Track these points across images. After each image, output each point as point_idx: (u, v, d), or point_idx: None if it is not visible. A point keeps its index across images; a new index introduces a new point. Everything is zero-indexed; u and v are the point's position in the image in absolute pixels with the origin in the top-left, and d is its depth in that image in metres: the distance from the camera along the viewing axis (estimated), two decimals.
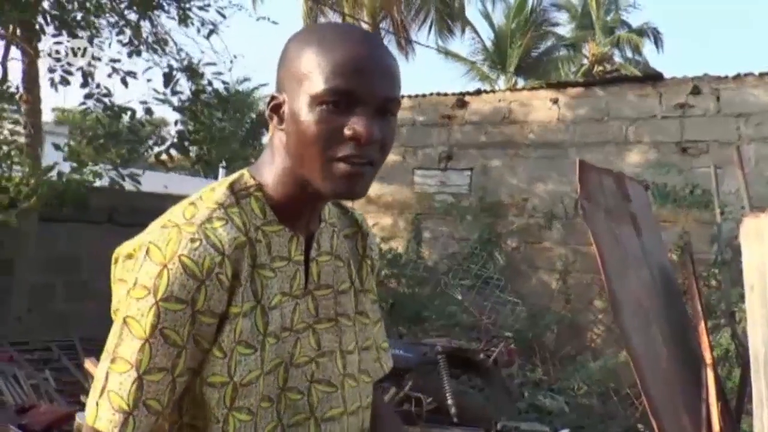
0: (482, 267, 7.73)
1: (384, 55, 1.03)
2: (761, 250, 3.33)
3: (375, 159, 1.01)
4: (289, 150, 1.03)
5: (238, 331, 1.00)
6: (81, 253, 6.64)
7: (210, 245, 0.97)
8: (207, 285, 0.96)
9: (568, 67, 20.34)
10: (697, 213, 6.75)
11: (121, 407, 0.95)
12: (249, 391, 1.01)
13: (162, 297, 0.94)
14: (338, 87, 0.97)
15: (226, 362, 0.99)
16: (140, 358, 0.95)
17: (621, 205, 3.97)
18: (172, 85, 5.66)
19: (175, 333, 0.95)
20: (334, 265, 1.17)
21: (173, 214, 1.02)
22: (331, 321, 1.15)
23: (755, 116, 6.91)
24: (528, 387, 6.27)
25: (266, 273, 1.04)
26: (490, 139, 8.50)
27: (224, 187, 1.06)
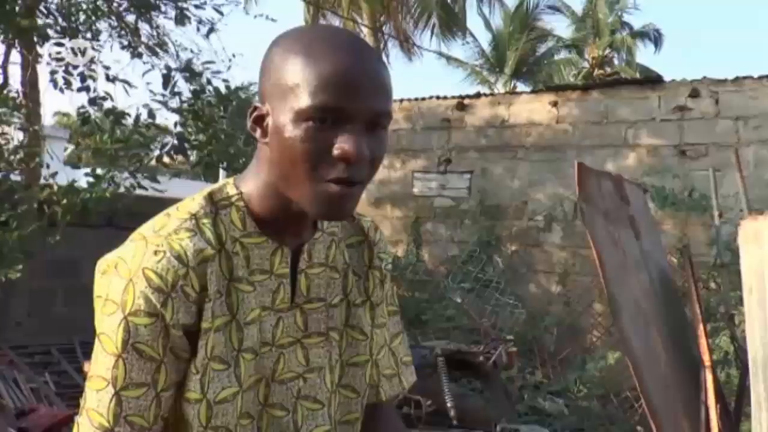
0: (482, 270, 7.74)
1: (373, 66, 0.95)
2: (760, 253, 3.34)
3: (364, 177, 0.95)
4: (273, 165, 0.97)
5: (210, 347, 0.97)
6: (81, 257, 6.64)
7: (174, 257, 0.93)
8: (173, 297, 0.93)
9: (569, 70, 20.34)
10: (695, 216, 6.76)
11: (102, 424, 0.93)
12: (225, 409, 0.99)
13: (130, 311, 0.92)
14: (326, 104, 0.90)
15: (199, 379, 0.97)
16: (115, 374, 0.93)
17: (620, 208, 3.98)
18: (171, 87, 5.66)
19: (149, 347, 0.93)
20: (328, 277, 1.12)
21: (146, 225, 1.00)
22: (321, 335, 1.11)
23: (754, 119, 6.92)
24: (528, 389, 6.27)
25: (243, 287, 1.01)
26: (490, 142, 8.52)
27: (202, 197, 1.02)
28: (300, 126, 0.92)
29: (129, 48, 6.05)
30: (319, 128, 0.91)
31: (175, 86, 5.67)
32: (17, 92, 6.06)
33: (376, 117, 0.94)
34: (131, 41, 6.03)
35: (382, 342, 1.23)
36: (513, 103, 8.48)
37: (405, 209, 8.93)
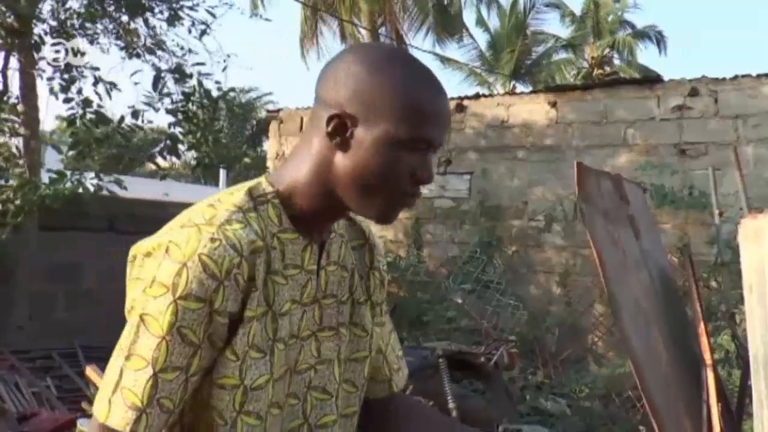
0: (482, 271, 7.73)
1: (448, 103, 1.10)
2: (760, 251, 3.34)
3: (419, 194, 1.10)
4: (341, 171, 1.05)
5: (251, 335, 1.01)
6: (81, 261, 6.65)
7: (230, 246, 0.98)
8: (225, 285, 0.97)
9: (568, 70, 20.35)
10: (695, 215, 6.76)
11: (135, 404, 0.95)
12: (258, 395, 1.03)
13: (181, 295, 0.95)
14: (423, 136, 1.03)
15: (239, 365, 1.00)
16: (156, 356, 0.96)
17: (619, 208, 3.98)
18: (160, 88, 5.66)
19: (192, 332, 0.96)
20: (340, 275, 1.19)
21: (192, 214, 1.03)
22: (332, 330, 1.17)
23: (753, 117, 6.93)
24: (529, 390, 6.27)
25: (279, 280, 1.06)
26: (489, 143, 8.52)
27: (243, 192, 1.07)
28: (394, 149, 1.03)
29: (125, 49, 6.05)
30: (408, 152, 1.04)
31: (164, 87, 5.68)
32: (17, 98, 6.07)
33: (440, 145, 1.09)
34: (128, 42, 6.03)
35: (387, 340, 1.32)
36: (512, 104, 8.49)
37: (405, 211, 8.92)
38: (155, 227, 1.08)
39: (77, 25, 5.64)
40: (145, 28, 5.96)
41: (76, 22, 5.59)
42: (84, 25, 5.59)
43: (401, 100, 1.01)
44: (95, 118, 5.58)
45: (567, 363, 6.97)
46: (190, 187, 17.92)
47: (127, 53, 5.92)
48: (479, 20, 20.36)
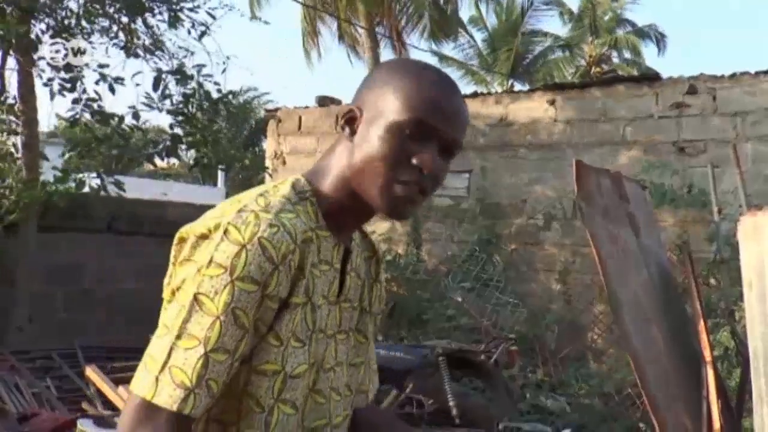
0: (482, 269, 7.74)
1: (463, 104, 1.13)
2: (759, 248, 3.34)
3: (428, 190, 1.09)
4: (353, 162, 1.10)
5: (296, 322, 1.04)
6: (82, 261, 6.64)
7: (287, 232, 1.01)
8: (280, 270, 1.00)
9: (566, 69, 20.34)
10: (694, 212, 6.76)
11: (184, 383, 0.95)
12: (296, 384, 1.05)
13: (238, 276, 0.97)
14: (422, 119, 1.06)
15: (282, 351, 1.02)
16: (209, 336, 0.96)
17: (619, 206, 3.98)
18: (161, 89, 5.66)
19: (245, 314, 0.98)
20: (356, 282, 1.22)
21: (246, 201, 1.05)
22: (345, 333, 1.20)
23: (752, 115, 6.93)
24: (529, 388, 6.28)
25: (316, 272, 1.09)
26: (488, 141, 8.52)
27: (288, 186, 1.11)
28: (394, 134, 1.07)
29: (124, 49, 6.04)
30: (408, 138, 1.06)
31: (166, 89, 5.67)
32: (14, 98, 6.06)
33: (452, 143, 1.11)
34: (127, 42, 6.02)
35: (372, 351, 1.34)
36: (511, 102, 8.49)
37: None
38: (155, 227, 1.09)
39: (73, 24, 5.62)
40: (144, 28, 5.95)
41: (74, 21, 5.57)
42: (80, 24, 5.58)
43: (407, 90, 1.07)
44: (99, 118, 5.57)
45: (567, 361, 6.97)
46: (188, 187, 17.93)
47: (126, 53, 5.91)
48: (475, 19, 20.35)
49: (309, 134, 9.58)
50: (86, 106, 5.49)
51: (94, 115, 5.58)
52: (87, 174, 5.59)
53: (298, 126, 9.69)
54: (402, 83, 1.08)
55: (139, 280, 6.62)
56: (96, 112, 5.56)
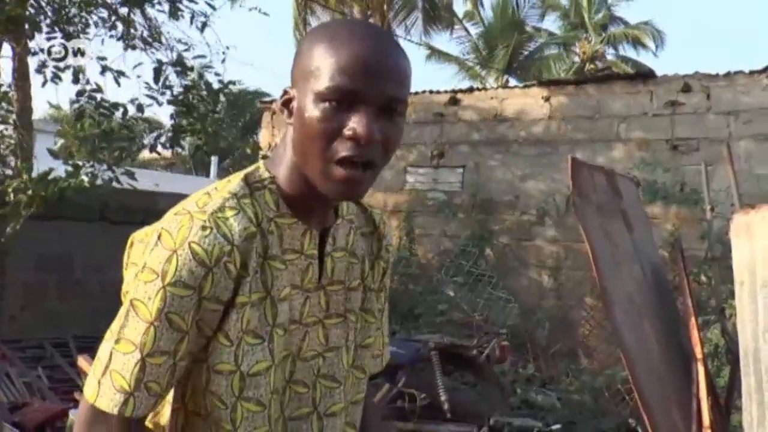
0: (474, 264, 7.75)
1: (392, 54, 1.00)
2: (751, 246, 3.35)
3: (375, 160, 1.00)
4: (295, 146, 1.04)
5: (245, 321, 1.01)
6: (73, 250, 6.61)
7: (220, 234, 0.98)
8: (215, 272, 0.97)
9: (560, 65, 20.35)
10: (686, 210, 6.79)
11: (123, 387, 0.97)
12: (258, 381, 1.03)
13: (170, 282, 0.96)
14: (341, 85, 0.96)
15: (233, 351, 1.01)
16: (144, 341, 0.97)
17: (612, 202, 4.00)
18: (162, 81, 5.63)
19: (180, 318, 0.97)
20: (348, 261, 1.18)
21: (187, 202, 1.04)
22: (340, 317, 1.16)
23: (745, 114, 6.95)
24: (520, 383, 6.30)
25: (277, 265, 1.05)
26: (483, 136, 8.52)
27: (239, 179, 1.07)
28: (318, 106, 0.98)
29: (122, 40, 6.00)
30: (335, 109, 0.97)
31: (167, 80, 5.64)
32: (9, 86, 6.02)
33: (390, 102, 0.99)
34: (124, 33, 5.98)
35: (379, 325, 1.30)
36: (506, 98, 8.49)
37: (398, 203, 8.93)
38: (146, 217, 1.10)
39: (72, 13, 5.58)
40: (143, 19, 5.91)
41: (72, 10, 5.53)
42: (79, 14, 5.53)
43: (325, 57, 0.98)
44: (104, 110, 5.53)
45: (558, 356, 7.00)
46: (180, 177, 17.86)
47: (124, 44, 5.86)
48: (470, 13, 20.34)
49: None
50: (90, 98, 5.45)
51: (98, 108, 5.55)
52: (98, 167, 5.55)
53: None
54: (316, 49, 0.99)
55: None
56: (99, 105, 5.52)
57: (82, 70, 5.66)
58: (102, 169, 5.55)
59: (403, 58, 1.02)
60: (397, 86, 0.99)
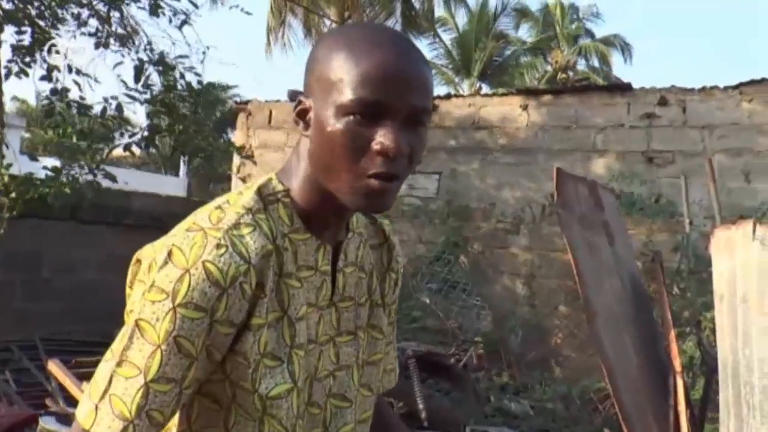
0: (449, 271, 7.75)
1: (414, 63, 0.96)
2: (731, 261, 3.39)
3: (402, 172, 0.96)
4: (314, 159, 0.99)
5: (263, 343, 0.96)
6: (43, 250, 6.46)
7: (236, 253, 0.93)
8: (229, 294, 0.91)
9: (532, 73, 20.58)
10: (660, 222, 6.87)
11: (123, 414, 0.91)
12: (279, 404, 0.98)
13: (180, 302, 0.90)
14: (366, 98, 0.92)
15: (250, 373, 0.96)
16: (149, 365, 0.91)
17: (594, 213, 4.02)
18: (144, 80, 5.51)
19: (190, 343, 0.91)
20: (357, 276, 1.14)
21: (199, 217, 0.98)
22: (350, 334, 1.12)
23: (719, 128, 7.06)
24: (494, 391, 6.31)
25: (293, 282, 1.00)
26: (459, 143, 8.53)
27: (252, 192, 1.01)
28: (341, 120, 0.93)
29: (96, 36, 5.86)
30: (360, 122, 0.93)
31: (148, 79, 5.52)
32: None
33: (415, 113, 0.95)
34: (99, 30, 5.84)
35: (390, 339, 1.27)
36: (483, 105, 8.51)
37: None
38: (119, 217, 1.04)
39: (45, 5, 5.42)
40: (120, 17, 5.78)
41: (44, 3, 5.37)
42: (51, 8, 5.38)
43: (347, 68, 0.93)
44: (77, 109, 5.38)
45: (531, 364, 7.03)
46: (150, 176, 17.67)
47: (96, 43, 5.71)
48: (444, 19, 20.47)
49: (279, 128, 9.48)
50: (60, 94, 5.31)
51: (70, 107, 5.41)
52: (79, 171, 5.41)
53: (268, 120, 9.59)
54: (339, 57, 0.95)
55: (101, 270, 6.47)
56: (72, 104, 5.38)
57: (55, 67, 5.51)
58: (83, 173, 5.42)
59: (425, 65, 0.99)
60: (422, 96, 0.96)
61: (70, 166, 5.41)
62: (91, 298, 6.23)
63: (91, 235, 6.42)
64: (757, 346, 3.16)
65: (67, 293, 6.24)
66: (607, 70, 20.06)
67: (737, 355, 3.25)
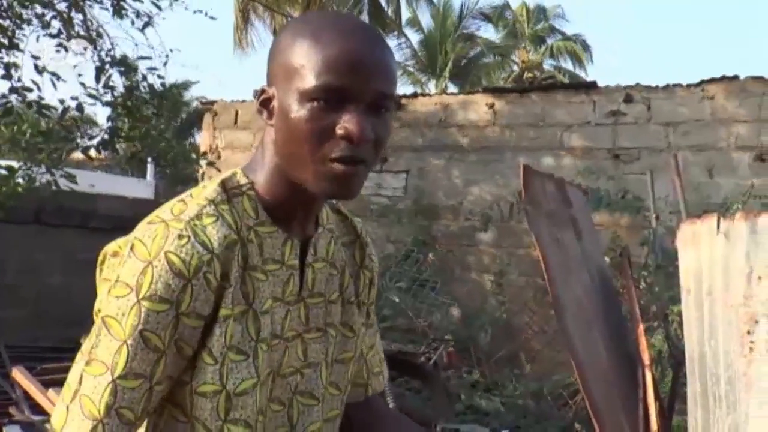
0: (418, 270, 7.76)
1: (378, 49, 0.97)
2: (697, 254, 3.43)
3: (368, 157, 0.96)
4: (278, 147, 0.99)
5: (229, 335, 0.94)
6: (5, 254, 6.32)
7: (198, 243, 0.91)
8: (194, 284, 0.90)
9: (498, 73, 20.73)
10: (626, 217, 6.96)
11: (92, 413, 0.89)
12: (244, 401, 0.96)
13: (145, 296, 0.89)
14: (329, 83, 0.92)
15: (218, 369, 0.94)
16: (116, 361, 0.89)
17: (562, 210, 4.05)
18: (105, 81, 5.41)
19: (157, 336, 0.90)
20: (328, 273, 1.12)
21: (161, 210, 0.97)
22: (320, 331, 1.10)
23: (683, 125, 7.17)
24: (464, 388, 6.33)
25: (258, 275, 0.99)
26: (426, 141, 8.55)
27: (215, 185, 1.00)
28: (305, 106, 0.94)
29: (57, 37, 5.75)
30: (323, 108, 0.93)
31: (110, 80, 5.43)
32: None
33: (379, 98, 0.96)
34: (60, 32, 5.73)
35: (372, 342, 1.26)
36: (450, 104, 8.54)
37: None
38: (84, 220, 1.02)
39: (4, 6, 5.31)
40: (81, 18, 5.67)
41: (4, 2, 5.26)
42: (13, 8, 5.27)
43: (310, 54, 0.94)
44: (37, 110, 5.26)
45: (501, 361, 7.07)
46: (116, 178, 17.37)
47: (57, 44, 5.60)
48: (411, 20, 20.53)
49: (246, 128, 9.41)
50: (20, 95, 5.19)
51: (30, 107, 5.29)
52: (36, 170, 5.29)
53: (234, 120, 9.50)
54: (303, 44, 0.95)
55: (66, 275, 6.35)
56: (32, 104, 5.26)
57: (15, 65, 5.39)
58: (40, 172, 5.30)
59: (389, 52, 1.00)
60: (386, 82, 0.97)
61: (27, 166, 5.29)
62: (56, 303, 6.12)
63: (55, 239, 6.30)
64: (722, 339, 3.21)
65: (32, 299, 6.12)
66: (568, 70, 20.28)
67: (704, 347, 3.30)
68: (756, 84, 6.98)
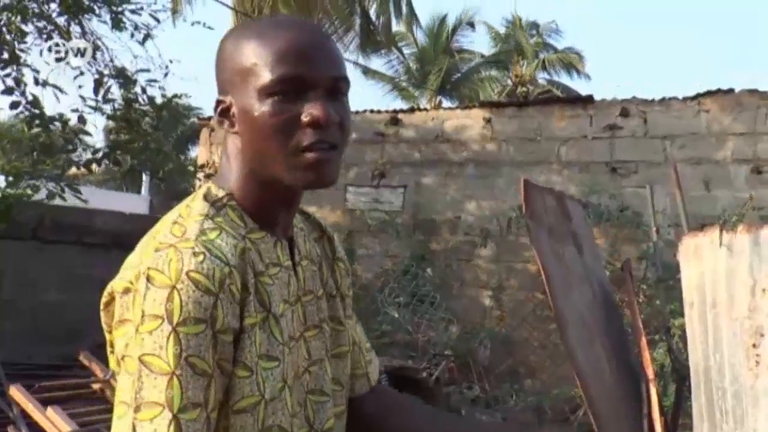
0: (416, 285, 7.74)
1: (322, 37, 1.02)
2: (700, 268, 3.43)
3: (337, 141, 0.97)
4: (247, 151, 0.99)
5: (258, 343, 0.93)
6: (3, 270, 6.26)
7: (215, 257, 0.90)
8: (221, 299, 0.88)
9: (492, 87, 20.78)
10: (625, 231, 6.96)
11: None
12: (275, 406, 0.95)
13: (179, 321, 0.85)
14: (285, 74, 0.94)
15: (254, 379, 0.92)
16: (171, 396, 0.84)
17: (563, 224, 4.05)
18: (103, 93, 5.40)
19: (201, 360, 0.86)
20: (312, 269, 1.13)
21: (161, 236, 0.93)
22: (316, 328, 1.10)
23: (680, 138, 7.20)
24: (465, 404, 6.30)
25: (266, 280, 0.98)
26: (424, 156, 8.55)
27: (199, 200, 0.99)
28: (266, 102, 0.95)
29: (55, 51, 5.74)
30: (284, 100, 0.95)
31: (108, 92, 5.42)
32: None
33: (336, 83, 0.99)
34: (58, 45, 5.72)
35: (360, 332, 1.27)
36: (447, 119, 8.55)
37: (337, 222, 8.85)
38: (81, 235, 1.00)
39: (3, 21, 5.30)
40: (80, 31, 5.67)
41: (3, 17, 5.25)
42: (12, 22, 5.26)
43: (260, 52, 0.96)
44: (40, 123, 5.24)
45: (501, 377, 7.04)
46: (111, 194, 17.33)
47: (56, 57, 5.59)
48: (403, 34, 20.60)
49: None
50: (25, 109, 5.17)
51: (33, 120, 5.27)
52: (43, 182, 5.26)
53: None
54: (250, 44, 0.97)
55: (63, 291, 6.28)
56: (35, 118, 5.24)
57: (22, 80, 5.38)
58: (45, 182, 5.27)
59: (331, 39, 1.04)
60: (338, 66, 1.00)
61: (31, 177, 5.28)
62: (53, 319, 6.05)
63: (52, 254, 6.24)
64: (728, 352, 3.20)
65: (29, 314, 6.05)
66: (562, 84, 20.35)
67: (709, 360, 3.29)
68: (751, 97, 7.01)
